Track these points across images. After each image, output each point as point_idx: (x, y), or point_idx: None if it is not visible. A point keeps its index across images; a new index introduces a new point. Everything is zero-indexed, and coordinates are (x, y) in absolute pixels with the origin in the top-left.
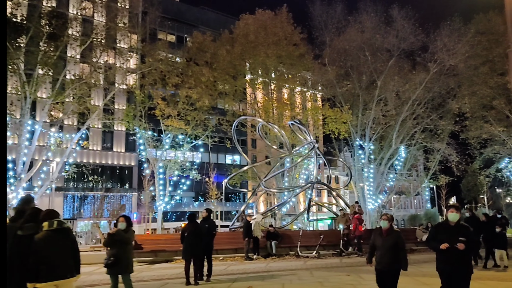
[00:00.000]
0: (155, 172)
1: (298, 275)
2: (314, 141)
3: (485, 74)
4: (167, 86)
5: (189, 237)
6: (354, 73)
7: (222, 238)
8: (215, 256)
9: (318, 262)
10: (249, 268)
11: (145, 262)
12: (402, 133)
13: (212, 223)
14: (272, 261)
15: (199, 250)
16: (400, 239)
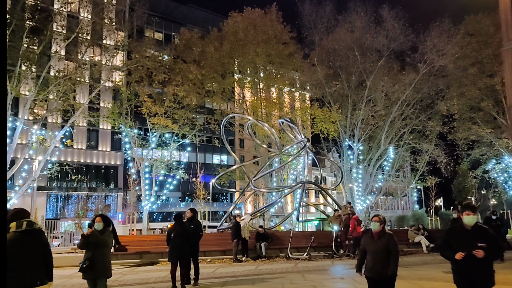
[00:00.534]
0: (141, 171)
1: (290, 278)
2: (305, 140)
3: (474, 75)
4: (153, 84)
5: (176, 239)
6: (343, 73)
7: (209, 240)
8: (203, 258)
9: (309, 264)
10: (238, 271)
11: (130, 265)
12: (391, 133)
13: (198, 223)
14: (262, 264)
15: (185, 252)
16: (393, 242)
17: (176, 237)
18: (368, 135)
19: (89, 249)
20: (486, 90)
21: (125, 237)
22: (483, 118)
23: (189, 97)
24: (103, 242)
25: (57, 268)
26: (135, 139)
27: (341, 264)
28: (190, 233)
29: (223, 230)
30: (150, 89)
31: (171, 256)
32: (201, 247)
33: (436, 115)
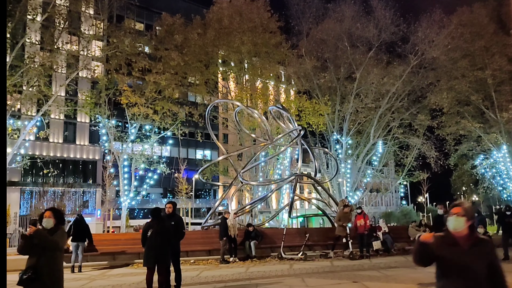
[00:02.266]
0: (119, 165)
1: (288, 284)
2: (299, 128)
3: (464, 68)
4: (133, 72)
5: (153, 239)
6: (331, 65)
7: (193, 238)
8: (185, 259)
9: (306, 265)
10: (226, 275)
11: (101, 267)
12: (380, 127)
13: (180, 220)
14: (252, 265)
15: (165, 254)
16: (494, 255)
17: (154, 237)
18: (356, 129)
19: (33, 254)
20: (476, 83)
21: (97, 235)
22: (471, 112)
23: (170, 86)
24: (53, 245)
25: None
26: (113, 130)
27: (342, 265)
28: (171, 232)
29: (208, 228)
30: (129, 78)
31: (147, 260)
32: (183, 247)
33: (425, 109)
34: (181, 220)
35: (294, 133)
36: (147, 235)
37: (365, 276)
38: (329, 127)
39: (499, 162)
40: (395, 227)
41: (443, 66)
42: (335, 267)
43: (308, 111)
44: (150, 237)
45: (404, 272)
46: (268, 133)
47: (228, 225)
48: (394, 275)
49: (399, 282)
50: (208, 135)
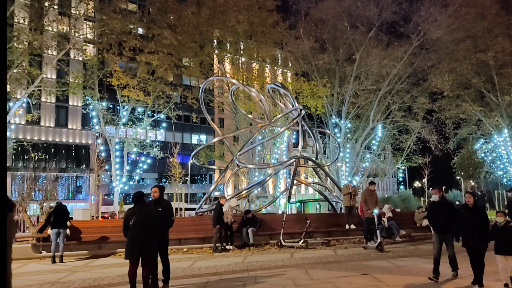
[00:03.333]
0: (111, 149)
1: (291, 276)
2: (300, 107)
3: (466, 50)
4: (124, 51)
5: (136, 228)
6: (330, 46)
7: (186, 225)
8: (178, 247)
9: (308, 254)
10: (222, 265)
11: (85, 257)
12: (380, 110)
13: (168, 205)
14: (250, 254)
15: (150, 246)
16: None
17: (137, 226)
18: (355, 113)
19: None
20: (477, 66)
21: (82, 222)
22: (472, 96)
23: (163, 67)
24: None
25: None
26: (104, 113)
27: (347, 254)
28: (157, 219)
29: (203, 214)
30: (120, 58)
31: (129, 252)
32: (175, 234)
33: (425, 92)
34: (169, 205)
35: (294, 114)
36: (129, 223)
37: (374, 267)
38: (328, 110)
39: (499, 146)
40: (400, 213)
41: (445, 47)
42: (339, 257)
43: (306, 93)
44: (133, 226)
45: (416, 262)
46: (266, 113)
47: (227, 211)
48: (406, 266)
49: (414, 275)
50: (203, 119)
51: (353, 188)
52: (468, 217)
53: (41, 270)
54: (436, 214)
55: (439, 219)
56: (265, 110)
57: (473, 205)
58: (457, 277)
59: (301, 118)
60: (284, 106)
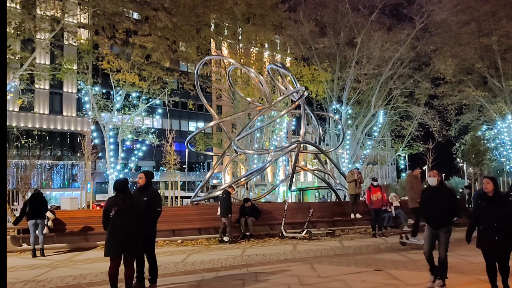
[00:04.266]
0: (104, 135)
1: (295, 273)
2: (302, 89)
3: (469, 34)
4: (117, 33)
5: (118, 220)
6: (330, 30)
7: (181, 215)
8: (172, 239)
9: (312, 246)
10: (218, 260)
11: (69, 250)
12: (382, 95)
13: (154, 194)
14: (249, 246)
15: (134, 240)
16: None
17: (119, 217)
18: (356, 99)
19: None
20: (481, 50)
21: (67, 212)
22: (474, 81)
23: (158, 50)
24: None
25: None
26: (97, 98)
27: (355, 245)
28: (142, 210)
29: (199, 203)
30: (112, 41)
31: (109, 249)
32: (170, 225)
33: (427, 78)
34: (156, 194)
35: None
36: (110, 215)
37: (386, 261)
38: (328, 95)
39: (502, 132)
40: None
41: (449, 30)
42: (346, 249)
43: (306, 78)
44: (114, 217)
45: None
46: (265, 95)
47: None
48: (421, 260)
49: None
50: (201, 106)
51: (359, 175)
52: (487, 209)
53: (19, 266)
54: (431, 202)
55: (435, 209)
56: (264, 92)
57: (493, 193)
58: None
59: (303, 101)
60: (284, 88)
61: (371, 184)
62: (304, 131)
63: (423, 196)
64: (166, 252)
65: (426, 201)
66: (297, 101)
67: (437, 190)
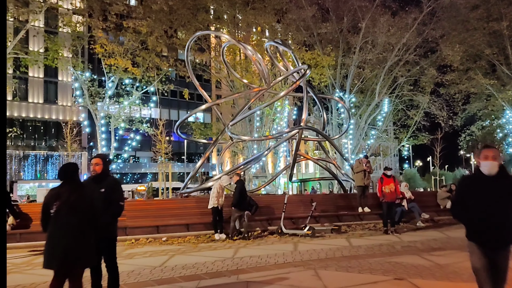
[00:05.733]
0: (96, 124)
1: (295, 283)
2: (304, 67)
3: (478, 19)
4: (109, 16)
5: (61, 218)
6: (333, 14)
7: (166, 208)
8: (155, 236)
9: (315, 245)
10: (204, 263)
11: (33, 250)
12: (387, 84)
13: (115, 183)
14: (243, 245)
15: (83, 247)
16: None
17: (63, 216)
18: (359, 87)
19: None
20: (489, 36)
21: (34, 206)
22: (482, 69)
23: (153, 35)
24: None
25: None
26: (88, 85)
27: (366, 244)
28: (98, 206)
29: (188, 195)
30: (105, 23)
31: (48, 259)
32: (154, 220)
33: (434, 65)
34: (116, 184)
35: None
36: (51, 212)
37: (407, 266)
38: (331, 82)
39: (511, 122)
40: (420, 193)
41: (457, 15)
42: (356, 249)
43: (308, 63)
44: (56, 215)
45: (459, 258)
46: (264, 75)
47: (218, 192)
48: (449, 264)
49: (467, 280)
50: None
51: (368, 165)
52: None
53: None
54: (486, 203)
55: (491, 215)
56: (262, 72)
57: None
58: None
59: (306, 82)
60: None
61: (383, 174)
62: (307, 115)
63: (463, 191)
64: (146, 253)
65: (472, 200)
66: (299, 80)
67: (497, 183)
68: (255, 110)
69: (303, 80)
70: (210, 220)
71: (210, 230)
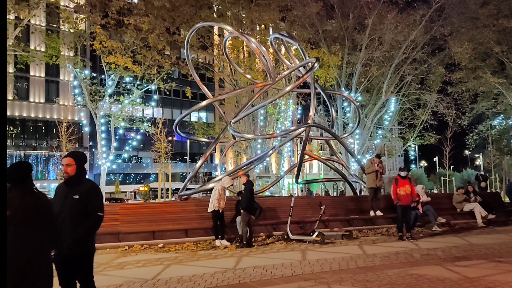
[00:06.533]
0: (96, 123)
1: None
2: (312, 60)
3: (488, 16)
4: (109, 11)
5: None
6: (339, 11)
7: (164, 212)
8: (151, 242)
9: (326, 253)
10: (203, 275)
11: None
12: (394, 82)
13: (92, 189)
14: (246, 253)
15: (37, 270)
16: None
17: (12, 230)
18: (365, 86)
19: None
20: (499, 33)
21: None
22: (491, 68)
23: (155, 32)
24: None
25: None
26: (87, 83)
27: (382, 253)
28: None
29: (188, 197)
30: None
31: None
32: (149, 225)
33: (442, 63)
34: (94, 190)
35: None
36: None
37: (431, 279)
38: (336, 81)
39: None
40: (432, 195)
41: (466, 11)
42: (371, 258)
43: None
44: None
45: (489, 270)
46: (269, 69)
47: (219, 194)
48: (480, 277)
49: None
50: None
51: (380, 165)
52: None
53: None
54: None
55: None
56: (267, 66)
57: None
58: None
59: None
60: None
61: (398, 175)
62: (314, 111)
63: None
64: (138, 262)
65: None
66: (306, 74)
67: None
68: (258, 106)
69: (310, 73)
70: (211, 224)
71: (210, 235)
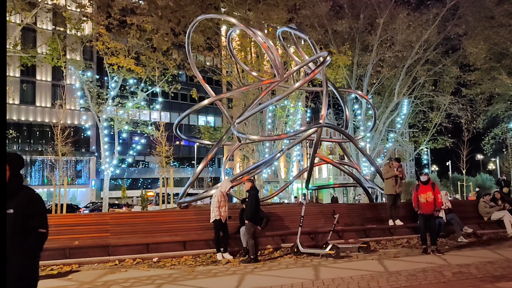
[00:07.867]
0: (99, 126)
1: None
2: (324, 54)
3: (503, 15)
4: (111, 11)
5: None
6: (349, 11)
7: (160, 222)
8: (145, 256)
9: (342, 271)
10: None
11: None
12: (406, 83)
13: (32, 200)
14: (251, 269)
15: None
16: None
17: None
18: (377, 88)
19: None
20: None
21: None
22: (506, 69)
23: (159, 32)
24: None
25: None
26: (89, 85)
27: (405, 272)
28: None
29: (188, 205)
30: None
31: None
32: (143, 237)
33: (456, 64)
34: (33, 201)
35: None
36: None
37: None
38: (347, 83)
39: None
40: (456, 202)
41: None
42: (395, 277)
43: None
44: None
45: None
46: (276, 65)
47: (219, 201)
48: None
49: None
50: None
51: (400, 169)
52: None
53: None
54: None
55: None
56: (274, 62)
57: None
58: None
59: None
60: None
61: (419, 181)
62: (326, 111)
63: None
64: (127, 281)
65: None
66: (317, 68)
67: None
68: (265, 104)
69: (322, 67)
70: (212, 236)
71: (211, 248)
